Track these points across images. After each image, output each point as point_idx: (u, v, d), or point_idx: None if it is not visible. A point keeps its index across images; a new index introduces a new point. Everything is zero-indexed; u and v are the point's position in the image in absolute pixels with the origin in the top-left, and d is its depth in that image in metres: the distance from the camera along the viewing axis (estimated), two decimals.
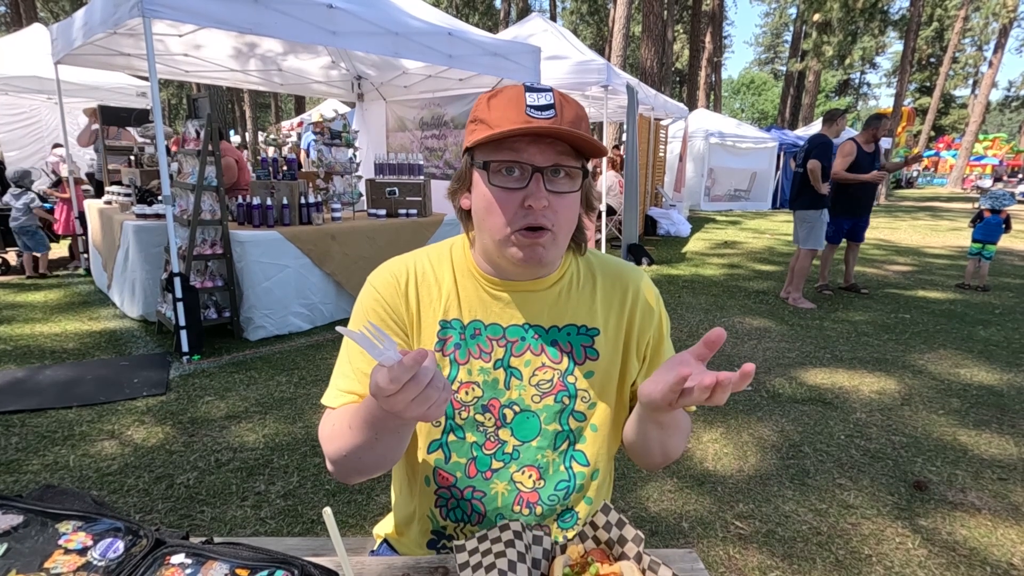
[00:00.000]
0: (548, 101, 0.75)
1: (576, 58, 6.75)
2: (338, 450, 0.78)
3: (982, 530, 2.07)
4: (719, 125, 13.61)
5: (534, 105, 0.74)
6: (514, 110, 0.74)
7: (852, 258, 5.70)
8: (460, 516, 0.89)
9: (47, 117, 8.76)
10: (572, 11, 33.81)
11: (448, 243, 0.93)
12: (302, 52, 5.71)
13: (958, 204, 16.59)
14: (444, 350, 0.86)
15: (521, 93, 0.76)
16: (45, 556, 0.65)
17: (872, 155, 5.24)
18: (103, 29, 3.67)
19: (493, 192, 0.77)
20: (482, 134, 0.75)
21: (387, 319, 0.86)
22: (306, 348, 3.82)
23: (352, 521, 2.06)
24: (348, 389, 0.84)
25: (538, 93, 0.76)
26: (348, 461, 0.78)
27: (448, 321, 0.87)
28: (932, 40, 33.97)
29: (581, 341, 0.88)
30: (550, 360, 0.87)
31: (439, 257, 0.91)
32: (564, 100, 0.77)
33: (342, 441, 0.77)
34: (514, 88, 0.77)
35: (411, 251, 0.93)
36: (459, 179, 0.85)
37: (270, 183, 4.10)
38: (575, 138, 0.74)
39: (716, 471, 2.45)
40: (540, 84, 0.79)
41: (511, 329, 0.86)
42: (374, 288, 0.88)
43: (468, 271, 0.88)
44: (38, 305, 4.64)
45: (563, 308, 0.88)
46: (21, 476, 2.27)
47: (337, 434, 0.78)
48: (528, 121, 0.73)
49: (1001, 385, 3.41)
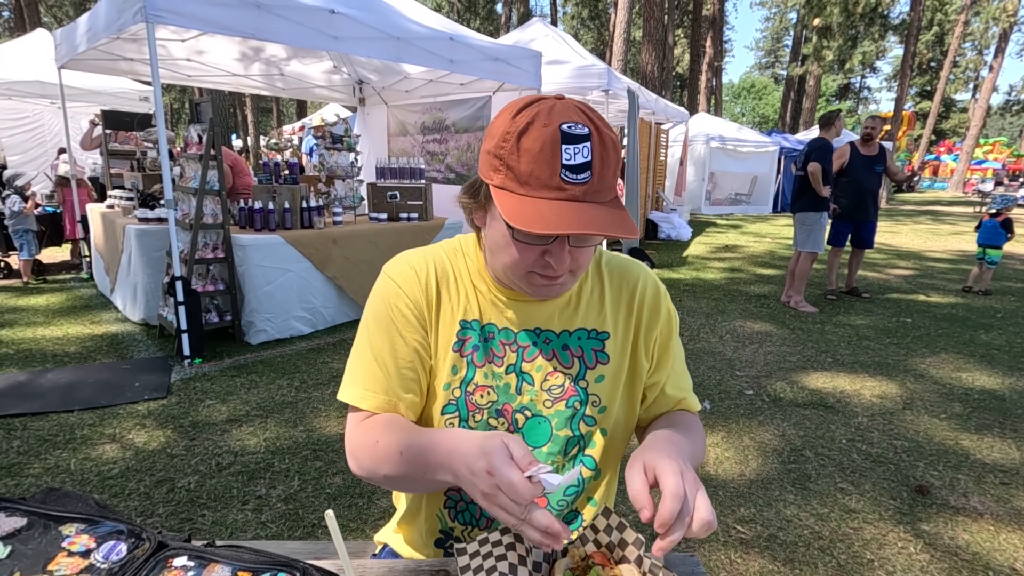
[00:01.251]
0: (585, 159, 0.68)
1: (577, 62, 6.77)
2: (377, 468, 0.77)
3: (984, 535, 2.06)
4: (720, 129, 13.63)
5: (569, 165, 0.67)
6: (546, 168, 0.67)
7: (855, 263, 5.68)
8: (468, 519, 0.88)
9: (50, 122, 8.79)
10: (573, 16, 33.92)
11: (457, 242, 0.91)
12: (304, 56, 5.73)
13: (959, 208, 16.58)
14: (463, 351, 0.84)
15: (556, 143, 0.67)
16: (48, 558, 0.65)
17: (872, 158, 5.19)
18: (107, 34, 3.69)
19: (514, 242, 0.74)
20: (507, 183, 0.70)
21: (409, 314, 0.83)
22: (307, 352, 3.83)
23: (353, 525, 2.06)
24: (377, 390, 0.81)
25: (575, 145, 0.67)
26: (385, 480, 0.77)
27: (468, 322, 0.85)
28: (932, 44, 34.04)
29: (592, 345, 0.87)
30: (561, 365, 0.86)
31: (454, 255, 0.88)
32: (602, 148, 0.69)
33: (387, 464, 0.75)
34: (549, 131, 0.67)
35: (420, 247, 0.91)
36: (472, 195, 0.80)
37: (272, 187, 4.11)
38: (607, 228, 0.67)
39: (717, 475, 2.45)
40: (578, 125, 0.68)
41: (522, 334, 0.85)
42: (393, 281, 0.85)
43: (480, 274, 0.87)
44: (40, 309, 4.65)
45: (573, 312, 0.87)
46: (23, 480, 2.28)
47: (382, 454, 0.76)
48: (560, 188, 0.68)
49: (1003, 389, 3.40)
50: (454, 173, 6.23)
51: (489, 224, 0.79)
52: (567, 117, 0.68)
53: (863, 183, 5.21)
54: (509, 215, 0.68)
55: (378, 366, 0.82)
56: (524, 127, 0.69)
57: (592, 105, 0.83)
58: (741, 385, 3.41)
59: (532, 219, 0.66)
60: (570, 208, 0.67)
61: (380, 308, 0.84)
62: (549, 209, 0.67)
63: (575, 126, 0.68)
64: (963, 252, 8.63)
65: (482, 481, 0.61)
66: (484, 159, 0.74)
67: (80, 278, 5.83)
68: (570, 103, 0.71)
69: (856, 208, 5.26)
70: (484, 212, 0.79)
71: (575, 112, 0.70)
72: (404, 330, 0.83)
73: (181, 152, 4.03)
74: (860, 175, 5.18)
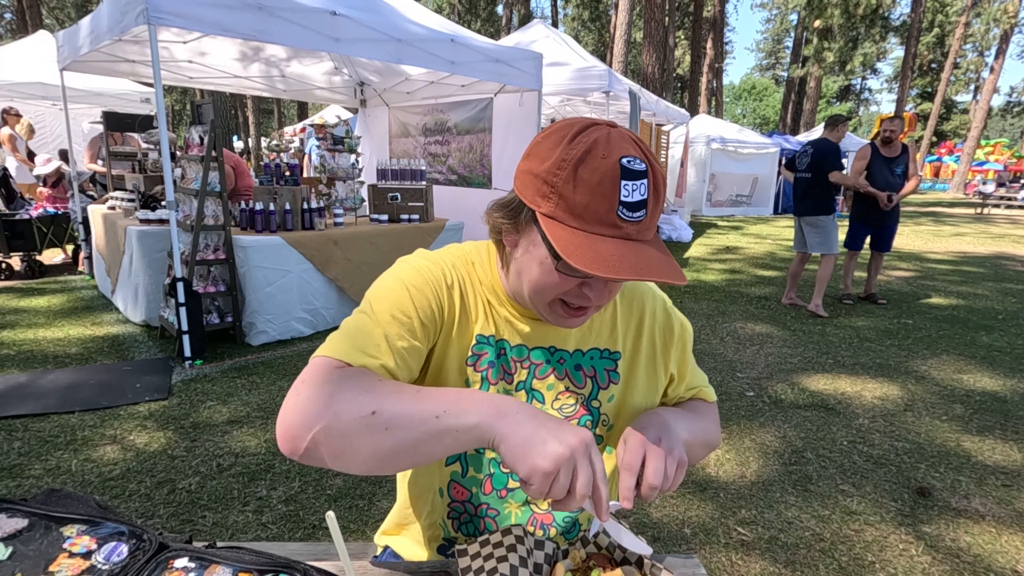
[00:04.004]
0: (643, 196, 0.65)
1: (578, 64, 6.78)
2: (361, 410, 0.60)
3: (986, 537, 2.06)
4: (720, 131, 13.63)
5: (627, 202, 0.64)
6: (604, 202, 0.64)
7: (875, 268, 5.49)
8: (472, 531, 0.88)
9: (52, 123, 8.81)
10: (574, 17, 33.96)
11: (465, 252, 0.85)
12: (305, 58, 5.74)
13: (960, 210, 16.57)
14: (477, 365, 0.81)
15: (616, 177, 0.64)
16: (50, 560, 0.65)
17: (892, 160, 5.00)
18: (109, 36, 3.70)
19: (556, 272, 0.70)
20: (557, 213, 0.66)
21: (428, 306, 0.76)
22: (308, 353, 3.81)
23: (354, 527, 2.06)
24: (376, 356, 0.69)
25: (634, 182, 0.64)
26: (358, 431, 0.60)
27: (485, 337, 0.81)
28: (933, 46, 34.05)
29: (605, 365, 0.86)
30: (574, 385, 0.85)
31: (465, 266, 0.83)
32: (655, 185, 0.66)
33: (387, 401, 0.61)
34: (608, 163, 0.64)
35: (429, 250, 0.85)
36: (509, 216, 0.73)
37: (273, 188, 4.12)
38: (663, 275, 0.64)
39: (718, 477, 2.45)
40: (636, 161, 0.65)
41: (536, 352, 0.83)
42: (417, 271, 0.78)
43: (493, 290, 0.83)
44: (41, 310, 4.65)
45: (587, 331, 0.85)
46: (24, 481, 2.28)
47: (381, 393, 0.62)
48: (616, 225, 0.65)
49: (1004, 391, 3.39)
50: (456, 175, 6.23)
51: (523, 248, 0.74)
52: (625, 150, 0.65)
53: (884, 186, 5.02)
54: (565, 250, 0.63)
55: (382, 335, 0.71)
56: (582, 155, 0.65)
57: (593, 107, 0.82)
58: (742, 387, 3.41)
59: (590, 258, 0.62)
60: (627, 249, 0.65)
61: (395, 289, 0.76)
62: (606, 248, 0.64)
63: (634, 161, 0.65)
64: (964, 254, 8.63)
65: (565, 440, 0.58)
66: (530, 182, 0.69)
67: (80, 279, 5.83)
68: (625, 133, 0.68)
69: (875, 211, 5.10)
70: (518, 235, 0.74)
71: (632, 145, 0.66)
72: (419, 304, 0.76)
73: (183, 153, 4.04)
74: (880, 177, 5.03)
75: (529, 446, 0.58)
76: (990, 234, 11.14)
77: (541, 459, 0.57)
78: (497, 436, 0.59)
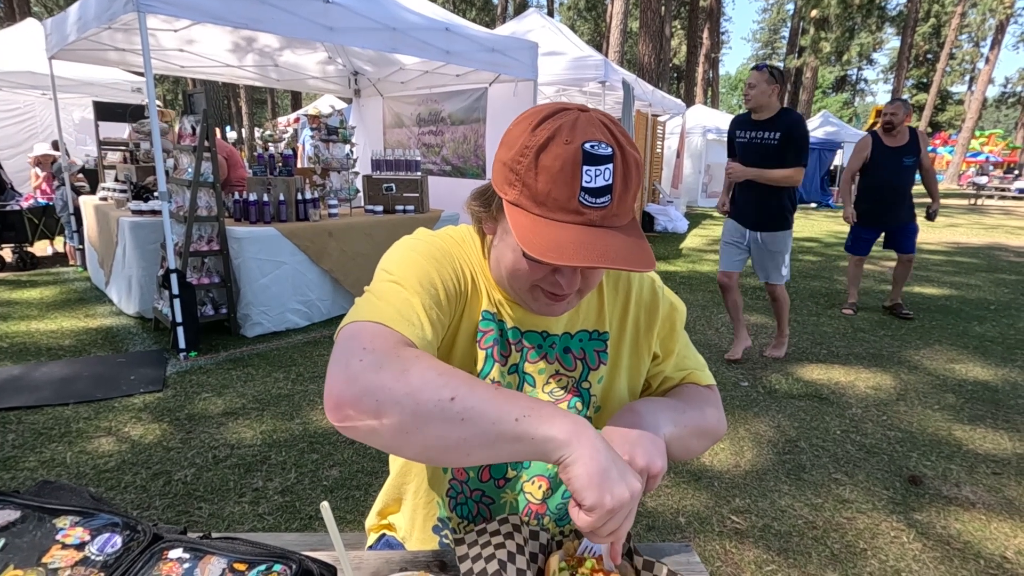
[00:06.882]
0: (606, 181, 0.64)
1: (573, 54, 6.74)
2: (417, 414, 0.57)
3: (976, 524, 2.08)
4: (716, 121, 13.60)
5: (589, 188, 0.64)
6: (565, 189, 0.64)
7: (901, 274, 4.71)
8: (466, 513, 0.88)
9: (41, 113, 8.70)
10: (570, 7, 33.73)
11: (460, 234, 0.85)
12: (298, 47, 5.68)
13: (954, 200, 16.63)
14: (482, 342, 0.81)
15: (577, 163, 0.63)
16: (43, 551, 0.65)
17: (899, 150, 4.27)
18: (97, 24, 3.65)
19: (524, 259, 0.70)
20: (521, 200, 0.67)
21: (452, 277, 0.76)
22: (303, 345, 3.82)
23: (350, 517, 2.07)
24: (421, 327, 0.67)
25: (597, 167, 0.63)
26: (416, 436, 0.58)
27: (491, 313, 0.81)
28: (929, 36, 34.00)
29: (594, 346, 0.86)
30: (564, 368, 0.85)
31: (467, 244, 0.84)
32: (624, 170, 0.65)
33: (439, 423, 0.57)
34: (570, 149, 0.63)
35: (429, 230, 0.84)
36: (484, 204, 0.75)
37: (267, 179, 4.09)
38: (622, 261, 0.64)
39: (712, 466, 2.46)
40: (601, 145, 0.64)
41: (529, 335, 0.83)
42: (432, 244, 0.78)
43: (484, 273, 0.83)
44: (34, 302, 4.62)
45: (575, 314, 0.85)
46: (18, 473, 2.27)
47: (447, 377, 0.59)
48: (578, 211, 0.64)
49: (996, 381, 3.42)
50: (450, 165, 6.20)
51: (499, 236, 0.75)
52: (590, 135, 0.64)
53: (889, 180, 4.33)
54: (523, 239, 0.64)
55: (414, 306, 0.69)
56: (544, 142, 0.64)
57: (589, 96, 0.81)
58: (736, 377, 3.43)
59: (547, 246, 0.62)
60: (587, 235, 0.64)
61: (415, 260, 0.74)
62: (565, 235, 0.64)
63: (598, 145, 0.63)
64: (957, 244, 8.68)
65: (631, 484, 0.60)
66: (498, 170, 0.70)
67: (74, 270, 5.78)
68: (594, 117, 0.66)
69: (882, 211, 4.43)
70: (494, 222, 0.76)
71: (599, 129, 0.65)
72: (443, 276, 0.75)
73: (175, 143, 4.00)
74: (884, 172, 4.32)
75: (602, 479, 0.58)
76: (984, 225, 11.20)
77: (610, 496, 0.58)
78: (571, 456, 0.59)
